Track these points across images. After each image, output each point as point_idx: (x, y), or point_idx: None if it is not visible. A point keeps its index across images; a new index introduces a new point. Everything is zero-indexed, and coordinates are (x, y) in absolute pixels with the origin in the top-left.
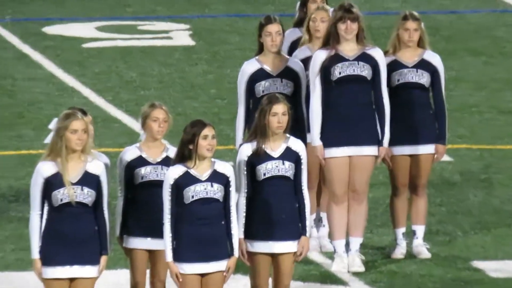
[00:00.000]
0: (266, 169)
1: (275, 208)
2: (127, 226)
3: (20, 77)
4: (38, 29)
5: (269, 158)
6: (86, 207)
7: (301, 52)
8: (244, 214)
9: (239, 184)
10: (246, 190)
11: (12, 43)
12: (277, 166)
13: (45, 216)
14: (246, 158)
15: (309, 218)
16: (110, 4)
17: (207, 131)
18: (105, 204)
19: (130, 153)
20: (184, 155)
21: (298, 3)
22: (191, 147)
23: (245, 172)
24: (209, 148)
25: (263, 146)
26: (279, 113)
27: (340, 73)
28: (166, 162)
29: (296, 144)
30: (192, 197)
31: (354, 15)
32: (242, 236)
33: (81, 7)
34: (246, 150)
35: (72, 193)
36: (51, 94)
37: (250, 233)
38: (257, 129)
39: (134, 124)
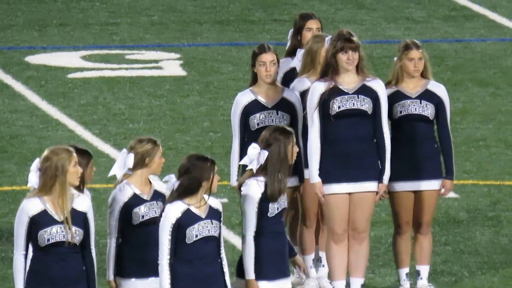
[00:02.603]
0: (273, 207)
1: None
2: (123, 268)
3: (2, 109)
4: (21, 58)
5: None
6: (74, 247)
7: (300, 83)
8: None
9: (248, 221)
10: (254, 229)
11: None
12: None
13: (29, 256)
14: (260, 196)
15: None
16: (96, 32)
17: (216, 167)
18: (93, 242)
19: (125, 192)
20: (191, 192)
21: (291, 31)
22: (204, 183)
23: (256, 209)
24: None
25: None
26: None
27: (339, 107)
28: (156, 197)
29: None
30: (196, 236)
31: (355, 44)
32: (253, 276)
33: (65, 35)
34: (257, 189)
35: (72, 234)
36: (35, 127)
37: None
38: None
39: None
